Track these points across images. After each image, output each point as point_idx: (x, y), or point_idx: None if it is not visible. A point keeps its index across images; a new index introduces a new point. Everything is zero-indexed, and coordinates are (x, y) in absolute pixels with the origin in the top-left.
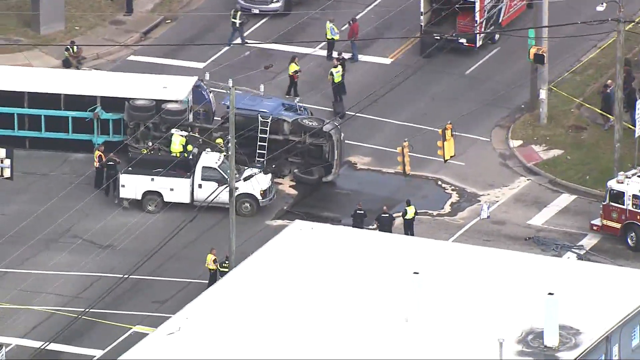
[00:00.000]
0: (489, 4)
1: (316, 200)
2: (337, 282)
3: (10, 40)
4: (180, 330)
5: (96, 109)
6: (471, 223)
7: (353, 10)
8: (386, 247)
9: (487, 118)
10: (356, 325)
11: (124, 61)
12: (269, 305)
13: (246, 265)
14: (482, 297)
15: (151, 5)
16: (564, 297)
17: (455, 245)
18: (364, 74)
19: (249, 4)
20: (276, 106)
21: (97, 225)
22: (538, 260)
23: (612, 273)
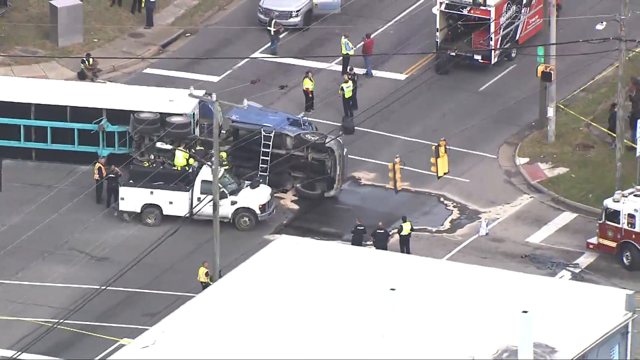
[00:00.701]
0: (505, 21)
1: (317, 215)
2: (316, 298)
3: (27, 52)
4: (155, 344)
5: (102, 121)
6: (469, 240)
7: (372, 26)
8: (369, 263)
9: (496, 135)
10: (331, 341)
11: (140, 74)
12: (246, 321)
13: (227, 280)
14: (459, 313)
15: (172, 19)
16: (542, 315)
17: (438, 262)
18: (378, 90)
19: (267, 18)
20: (281, 121)
21: (95, 238)
22: (517, 278)
23: (593, 292)
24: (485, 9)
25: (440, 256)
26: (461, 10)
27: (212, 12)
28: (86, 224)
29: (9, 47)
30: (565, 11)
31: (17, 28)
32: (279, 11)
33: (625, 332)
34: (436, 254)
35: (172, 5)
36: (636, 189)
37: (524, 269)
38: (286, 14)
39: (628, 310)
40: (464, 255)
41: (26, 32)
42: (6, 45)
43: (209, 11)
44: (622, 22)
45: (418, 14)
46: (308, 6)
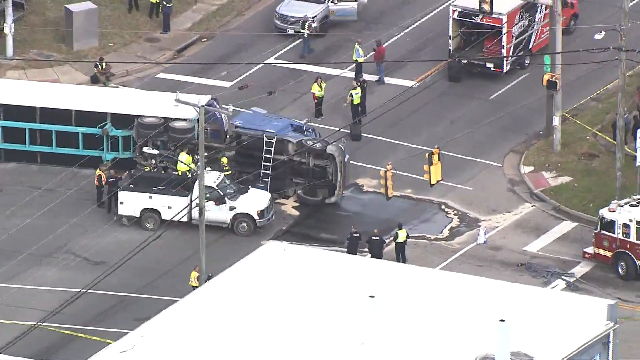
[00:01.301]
0: (518, 29)
1: (317, 222)
2: (297, 304)
3: (42, 55)
4: (133, 349)
5: (105, 125)
6: (467, 248)
7: (388, 33)
8: (354, 270)
9: (503, 143)
10: (310, 348)
11: (152, 78)
12: (226, 326)
13: (210, 285)
14: (439, 321)
15: (189, 24)
16: (522, 323)
17: (422, 270)
18: (389, 97)
19: (284, 25)
20: (284, 127)
21: (93, 242)
22: (500, 287)
23: (575, 301)
24: (497, 17)
25: (436, 264)
26: (474, 18)
27: (230, 18)
28: (86, 229)
29: (24, 50)
30: (583, 20)
31: (34, 31)
32: (295, 17)
33: (607, 342)
34: (432, 261)
35: (191, 11)
36: (632, 199)
37: (518, 277)
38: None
39: (610, 320)
40: (460, 263)
41: (43, 35)
42: (21, 48)
43: (227, 17)
44: (622, 32)
45: (435, 21)
46: (324, 13)
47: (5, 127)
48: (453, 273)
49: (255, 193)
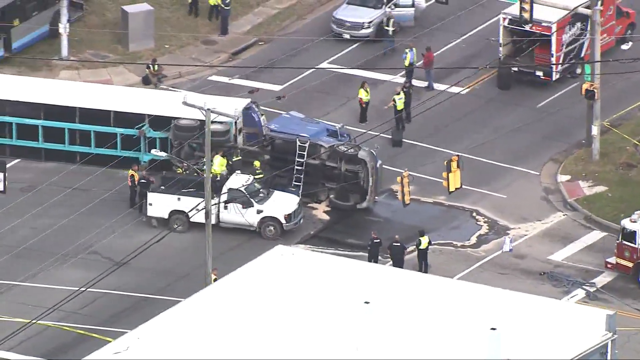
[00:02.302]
0: (569, 38)
1: (345, 227)
2: (298, 309)
3: (98, 56)
4: (127, 350)
5: (143, 126)
6: (492, 256)
7: (445, 39)
8: (360, 276)
9: (543, 151)
10: (304, 352)
11: (204, 80)
12: (223, 330)
13: (212, 288)
14: (434, 328)
15: (248, 27)
16: (518, 332)
17: (427, 277)
18: (437, 103)
19: (340, 29)
20: (320, 131)
21: (121, 243)
22: (500, 295)
23: (574, 311)
24: (547, 26)
25: (459, 271)
26: (523, 25)
27: (290, 22)
28: (115, 229)
29: (80, 50)
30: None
31: (92, 32)
32: (351, 22)
33: (605, 352)
34: (455, 269)
35: (252, 14)
36: None
37: (539, 285)
38: (358, 25)
39: (609, 330)
40: (482, 271)
41: (100, 36)
42: (77, 48)
43: (287, 20)
44: None
45: (493, 29)
46: (381, 18)
47: (45, 126)
48: (453, 280)
49: (284, 197)
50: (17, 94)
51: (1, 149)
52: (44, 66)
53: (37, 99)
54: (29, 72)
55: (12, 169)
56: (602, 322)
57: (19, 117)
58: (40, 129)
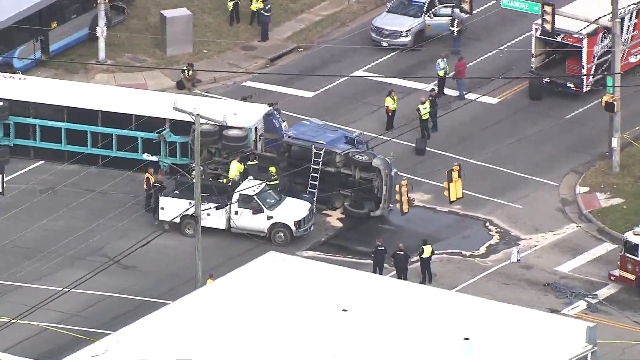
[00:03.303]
0: (600, 50)
1: (357, 234)
2: (280, 316)
3: (136, 59)
4: (105, 353)
5: (163, 130)
6: (499, 266)
7: (484, 49)
8: (348, 284)
9: (566, 163)
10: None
11: (238, 86)
12: (202, 335)
13: (197, 293)
14: (411, 337)
15: (289, 33)
16: (497, 343)
17: (414, 286)
18: (466, 112)
19: (378, 37)
20: (337, 138)
21: (129, 246)
22: (483, 305)
23: (555, 323)
24: (578, 37)
25: (464, 281)
26: (555, 37)
27: (332, 29)
28: (127, 233)
29: (118, 54)
30: None
31: (133, 36)
32: (389, 30)
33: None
34: (460, 278)
35: (294, 21)
36: None
37: (542, 296)
38: (396, 33)
39: (589, 342)
40: (487, 281)
41: (140, 40)
42: (116, 52)
43: (329, 27)
44: None
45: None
46: (419, 27)
47: (68, 129)
48: (438, 289)
49: (295, 203)
50: (41, 96)
51: (25, 151)
52: (81, 69)
53: (60, 102)
54: (65, 75)
55: (34, 170)
56: (583, 334)
57: (43, 119)
58: (63, 132)
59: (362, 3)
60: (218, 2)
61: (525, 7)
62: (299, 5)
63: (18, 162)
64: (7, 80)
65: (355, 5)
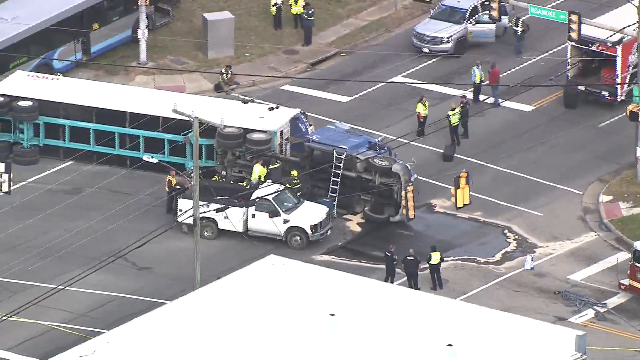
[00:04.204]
0: (636, 59)
1: (375, 239)
2: (272, 320)
3: (177, 62)
4: (94, 354)
5: (189, 133)
6: (512, 273)
7: (526, 57)
8: (345, 288)
9: (592, 171)
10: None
11: (275, 89)
12: (192, 337)
13: (193, 294)
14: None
15: (333, 38)
16: (485, 349)
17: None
18: (499, 120)
19: (420, 43)
20: (360, 143)
21: (149, 248)
22: (473, 311)
23: (545, 330)
24: (613, 46)
25: (475, 287)
26: (590, 45)
27: (377, 34)
28: (145, 234)
29: (161, 56)
30: None
31: (176, 39)
32: (430, 36)
33: None
34: (471, 284)
35: (340, 25)
36: None
37: (551, 304)
38: (437, 39)
39: (578, 351)
40: (498, 288)
41: (183, 43)
42: (159, 54)
43: (373, 33)
44: None
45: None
46: (461, 33)
47: (97, 130)
48: (432, 295)
49: (313, 207)
50: (70, 97)
51: (55, 151)
52: (121, 70)
53: (89, 103)
54: (106, 76)
55: (62, 171)
56: (572, 342)
57: (72, 120)
58: (91, 133)
59: (409, 9)
60: (264, 5)
61: (553, 15)
62: (346, 11)
63: (48, 162)
64: (38, 81)
65: (402, 11)
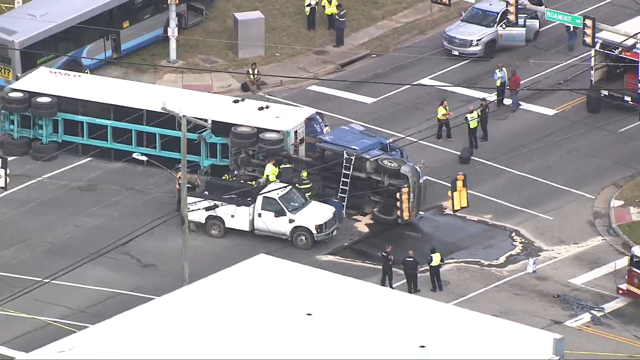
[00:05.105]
0: None
1: (381, 240)
2: (251, 319)
3: (207, 61)
4: (72, 349)
5: (204, 132)
6: (513, 276)
7: (554, 61)
8: (331, 288)
9: (609, 176)
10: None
11: (302, 90)
12: (171, 335)
13: (178, 292)
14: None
15: (365, 39)
16: (460, 351)
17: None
18: (521, 123)
19: (450, 46)
20: (372, 145)
21: (155, 245)
22: (450, 312)
23: (523, 333)
24: (635, 52)
25: (475, 289)
26: (613, 50)
27: (409, 36)
28: (154, 231)
29: (191, 55)
30: None
31: (209, 37)
32: (460, 39)
33: None
34: (472, 287)
35: (374, 27)
36: None
37: (549, 308)
38: (466, 42)
39: (555, 354)
40: (498, 291)
41: (214, 42)
42: (190, 53)
43: (406, 35)
44: None
45: None
46: (491, 36)
47: (114, 127)
48: (412, 296)
49: (319, 207)
50: (88, 94)
51: (74, 147)
52: (151, 69)
53: (106, 100)
54: (135, 74)
55: (80, 167)
56: (550, 345)
57: (91, 117)
58: (109, 130)
59: (444, 12)
60: (299, 6)
61: (569, 20)
62: (382, 12)
63: (66, 158)
64: (59, 78)
65: (438, 14)
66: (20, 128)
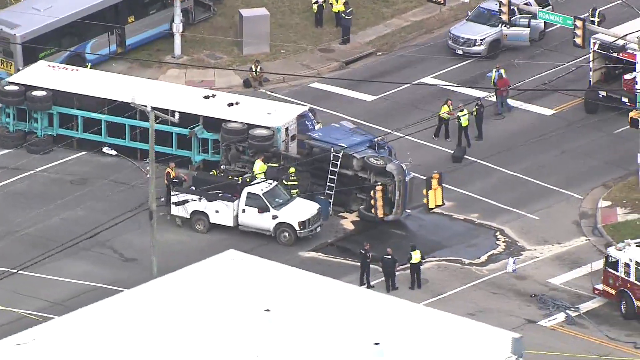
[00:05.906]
0: None
1: (365, 238)
2: (210, 315)
3: (212, 57)
4: (32, 342)
5: (195, 127)
6: (492, 275)
7: (555, 62)
8: (296, 285)
9: (599, 177)
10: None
11: (303, 87)
12: (132, 329)
13: (143, 287)
14: (323, 340)
15: (372, 37)
16: (416, 349)
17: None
18: (519, 123)
19: (454, 45)
20: (360, 142)
21: (138, 239)
22: (411, 310)
23: (482, 332)
24: (632, 53)
25: (452, 288)
26: (611, 51)
27: (416, 35)
28: (140, 226)
29: (197, 50)
30: None
31: (216, 33)
32: (464, 38)
33: None
34: (450, 285)
35: (382, 25)
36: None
37: (525, 307)
38: (470, 41)
39: (514, 353)
40: (475, 290)
41: (221, 38)
42: (195, 48)
43: (414, 33)
44: None
45: None
46: (495, 36)
47: (108, 121)
48: (376, 293)
49: (303, 204)
50: (83, 88)
51: (69, 141)
52: (155, 64)
53: (100, 94)
54: (139, 69)
55: (74, 161)
56: (509, 344)
57: (85, 111)
58: (103, 124)
59: (454, 11)
60: (307, 3)
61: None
62: (391, 11)
63: (61, 152)
64: (57, 71)
65: (447, 13)
66: (16, 121)
